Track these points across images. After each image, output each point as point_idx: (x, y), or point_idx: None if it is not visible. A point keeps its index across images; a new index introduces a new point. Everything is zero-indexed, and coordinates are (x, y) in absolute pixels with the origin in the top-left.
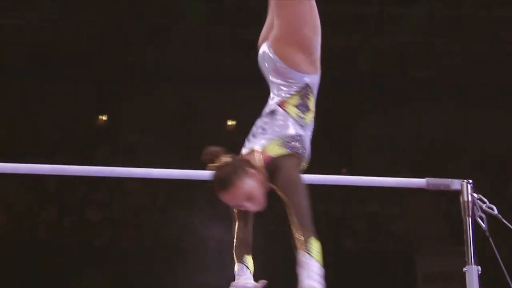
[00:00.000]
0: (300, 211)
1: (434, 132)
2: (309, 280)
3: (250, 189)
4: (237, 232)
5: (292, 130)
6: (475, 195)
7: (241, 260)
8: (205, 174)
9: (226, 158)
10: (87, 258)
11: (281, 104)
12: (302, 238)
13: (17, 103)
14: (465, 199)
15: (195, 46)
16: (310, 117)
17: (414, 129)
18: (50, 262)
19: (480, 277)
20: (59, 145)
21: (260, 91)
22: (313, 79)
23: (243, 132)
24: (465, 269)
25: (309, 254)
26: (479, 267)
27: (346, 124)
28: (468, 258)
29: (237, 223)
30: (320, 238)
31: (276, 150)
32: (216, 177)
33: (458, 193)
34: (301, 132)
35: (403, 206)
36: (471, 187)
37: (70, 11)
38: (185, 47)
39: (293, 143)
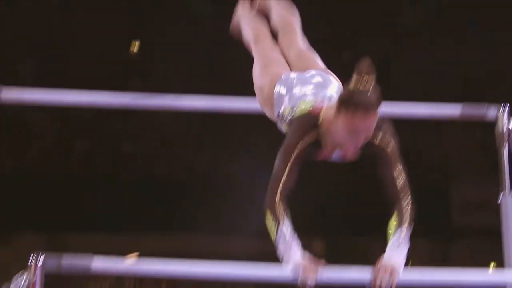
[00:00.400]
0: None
1: (473, 59)
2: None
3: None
4: (287, 178)
5: None
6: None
7: (287, 214)
8: (238, 104)
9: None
10: (118, 191)
11: None
12: (408, 220)
13: (46, 33)
14: (500, 129)
15: None
16: None
17: (450, 57)
18: (82, 195)
19: None
20: (89, 77)
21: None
22: None
23: None
24: (500, 198)
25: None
26: None
27: (382, 51)
28: (503, 187)
29: (291, 167)
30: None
31: None
32: (376, 94)
33: (494, 121)
34: None
35: (437, 135)
36: (508, 112)
37: None
38: None
39: None
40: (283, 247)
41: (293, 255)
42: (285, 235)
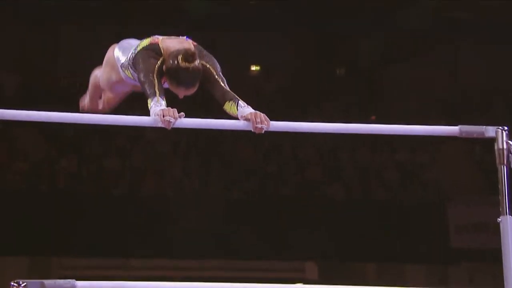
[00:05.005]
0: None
1: (468, 76)
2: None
3: None
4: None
5: None
6: (511, 142)
7: (162, 95)
8: (227, 123)
9: None
10: (106, 207)
11: None
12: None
13: (33, 49)
14: (500, 146)
15: None
16: None
17: (446, 74)
18: (69, 211)
19: None
20: (76, 92)
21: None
22: None
23: (267, 77)
24: (500, 219)
25: None
26: None
27: (374, 69)
28: (502, 208)
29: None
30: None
31: None
32: (197, 74)
33: (492, 140)
34: None
35: (434, 154)
36: (507, 134)
37: None
38: None
39: None
40: (154, 105)
41: (158, 107)
42: (158, 99)
